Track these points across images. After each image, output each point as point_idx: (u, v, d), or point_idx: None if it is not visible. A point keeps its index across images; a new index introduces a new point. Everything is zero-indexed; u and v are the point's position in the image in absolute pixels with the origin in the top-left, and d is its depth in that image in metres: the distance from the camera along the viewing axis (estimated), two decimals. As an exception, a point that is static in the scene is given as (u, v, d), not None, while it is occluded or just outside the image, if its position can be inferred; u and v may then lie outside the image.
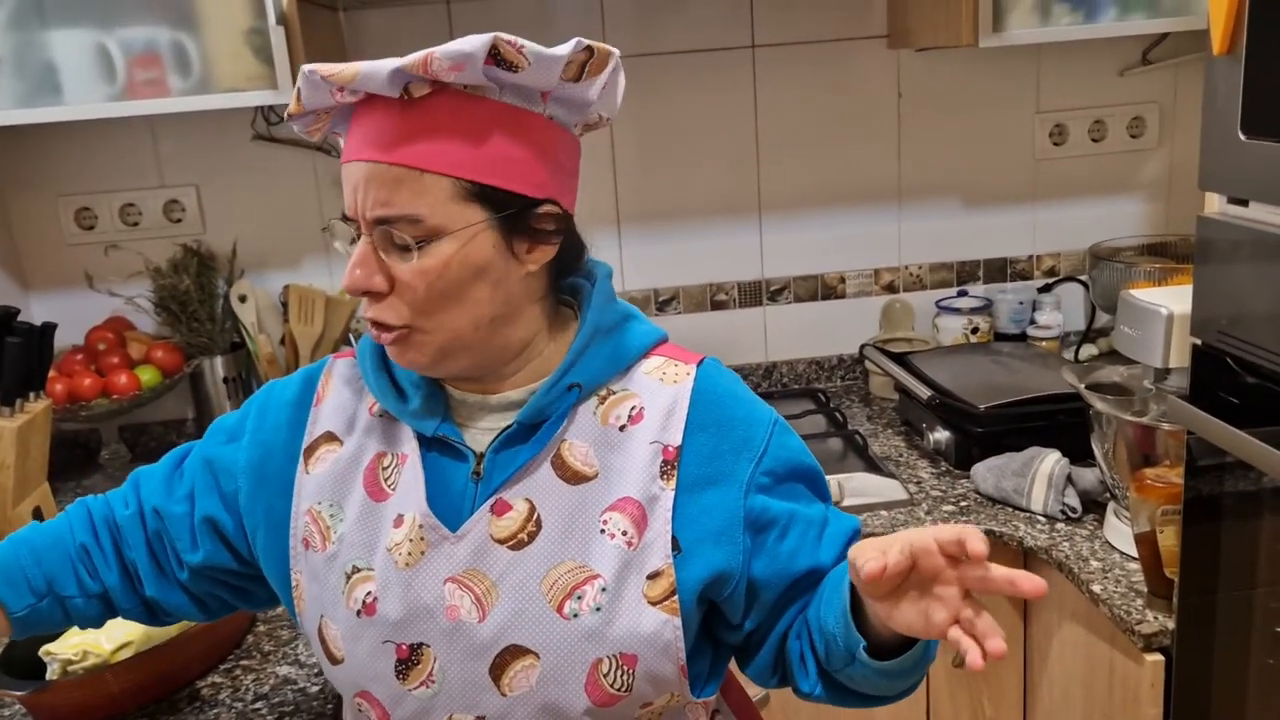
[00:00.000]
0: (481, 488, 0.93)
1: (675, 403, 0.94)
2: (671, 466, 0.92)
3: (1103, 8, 1.76)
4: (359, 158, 0.86)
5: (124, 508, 1.06)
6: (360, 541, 0.94)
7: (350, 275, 0.87)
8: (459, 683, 0.91)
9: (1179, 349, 1.32)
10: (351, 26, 1.98)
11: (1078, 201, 2.21)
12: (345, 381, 1.01)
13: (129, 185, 2.01)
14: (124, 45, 1.61)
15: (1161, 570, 1.30)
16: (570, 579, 0.90)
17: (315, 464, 0.98)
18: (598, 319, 0.97)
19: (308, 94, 0.88)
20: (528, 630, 0.89)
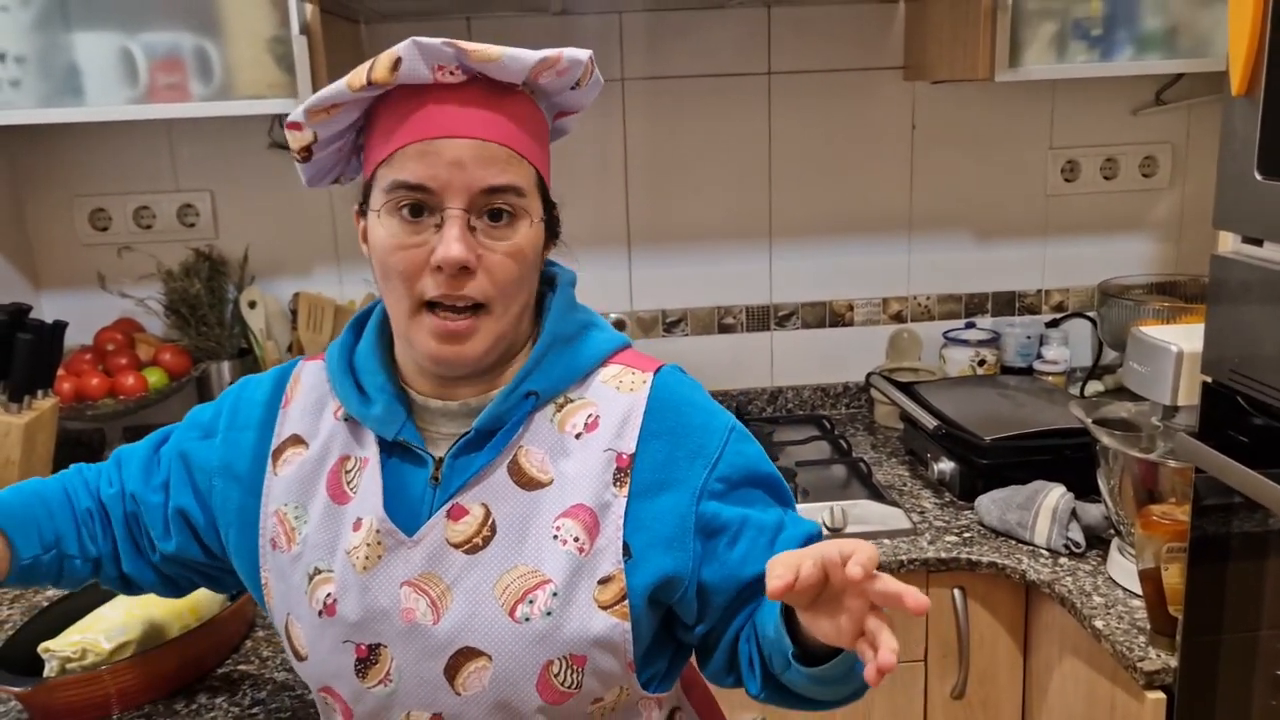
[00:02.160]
0: (439, 492, 0.95)
1: (630, 411, 0.96)
2: (625, 474, 0.94)
3: (1119, 46, 1.78)
4: (464, 134, 0.89)
5: (108, 486, 1.09)
6: (322, 543, 0.97)
7: (451, 248, 0.87)
8: (415, 682, 0.94)
9: (1188, 387, 1.32)
10: (372, 39, 2.00)
11: (1088, 238, 2.22)
12: (312, 385, 1.02)
13: (144, 188, 2.02)
14: (147, 49, 1.63)
15: (1165, 608, 1.29)
16: (522, 584, 0.92)
17: (282, 466, 1.00)
18: (557, 327, 0.98)
19: (407, 65, 0.88)
20: (480, 633, 0.92)
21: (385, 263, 0.91)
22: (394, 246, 0.90)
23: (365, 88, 0.89)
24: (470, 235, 0.89)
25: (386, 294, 0.94)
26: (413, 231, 0.89)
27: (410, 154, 0.89)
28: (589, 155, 2.08)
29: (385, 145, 0.91)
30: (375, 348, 1.00)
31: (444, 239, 0.88)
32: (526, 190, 0.91)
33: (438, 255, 0.88)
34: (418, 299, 0.90)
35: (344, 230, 2.08)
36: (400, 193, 0.89)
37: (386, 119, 0.91)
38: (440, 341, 0.91)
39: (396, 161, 0.89)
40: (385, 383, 0.97)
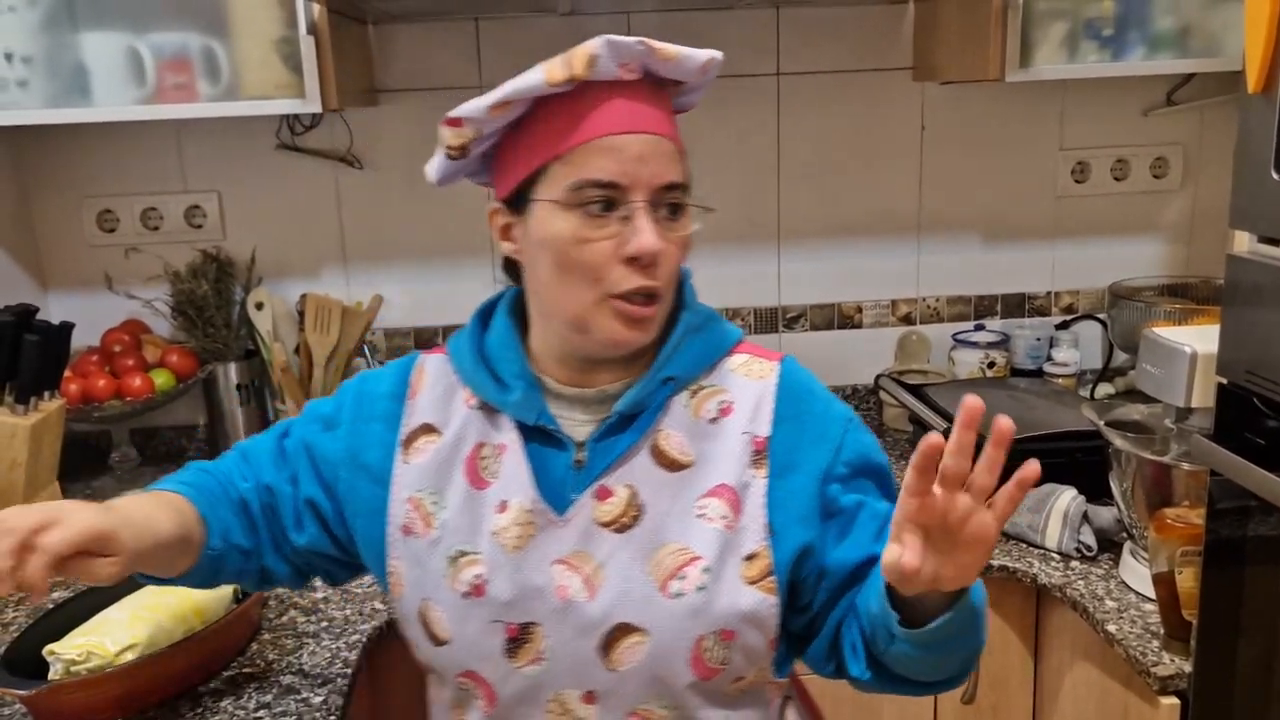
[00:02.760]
0: (583, 475, 0.98)
1: (762, 396, 1.01)
2: (762, 456, 0.99)
3: (1131, 47, 1.76)
4: (646, 130, 0.93)
5: (242, 480, 1.09)
6: (464, 527, 0.99)
7: (650, 239, 0.91)
8: (568, 659, 0.96)
9: (1202, 388, 1.31)
10: (380, 39, 1.99)
11: (1098, 240, 2.20)
12: (438, 376, 1.05)
13: (152, 189, 2.02)
14: (155, 49, 1.63)
15: (1179, 612, 1.28)
16: (673, 560, 0.95)
17: (414, 454, 1.02)
18: (690, 317, 1.03)
19: (601, 63, 0.91)
20: (635, 609, 0.94)
21: (569, 255, 0.93)
22: (580, 240, 0.92)
23: (563, 83, 0.91)
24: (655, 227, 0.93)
25: (559, 286, 0.95)
26: (599, 225, 0.92)
27: (596, 149, 0.92)
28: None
29: (559, 140, 0.93)
30: (509, 336, 1.03)
31: (639, 231, 0.91)
32: (689, 185, 0.97)
33: (634, 247, 0.91)
34: (605, 290, 0.93)
35: (351, 231, 2.08)
36: (589, 190, 0.92)
37: (556, 115, 0.93)
38: (626, 326, 0.94)
39: (579, 157, 0.92)
40: (522, 370, 1.00)
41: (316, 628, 1.42)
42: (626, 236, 0.92)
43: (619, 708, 0.97)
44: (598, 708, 0.97)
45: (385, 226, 2.08)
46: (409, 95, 2.02)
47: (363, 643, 1.38)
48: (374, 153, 2.04)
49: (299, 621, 1.44)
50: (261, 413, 2.06)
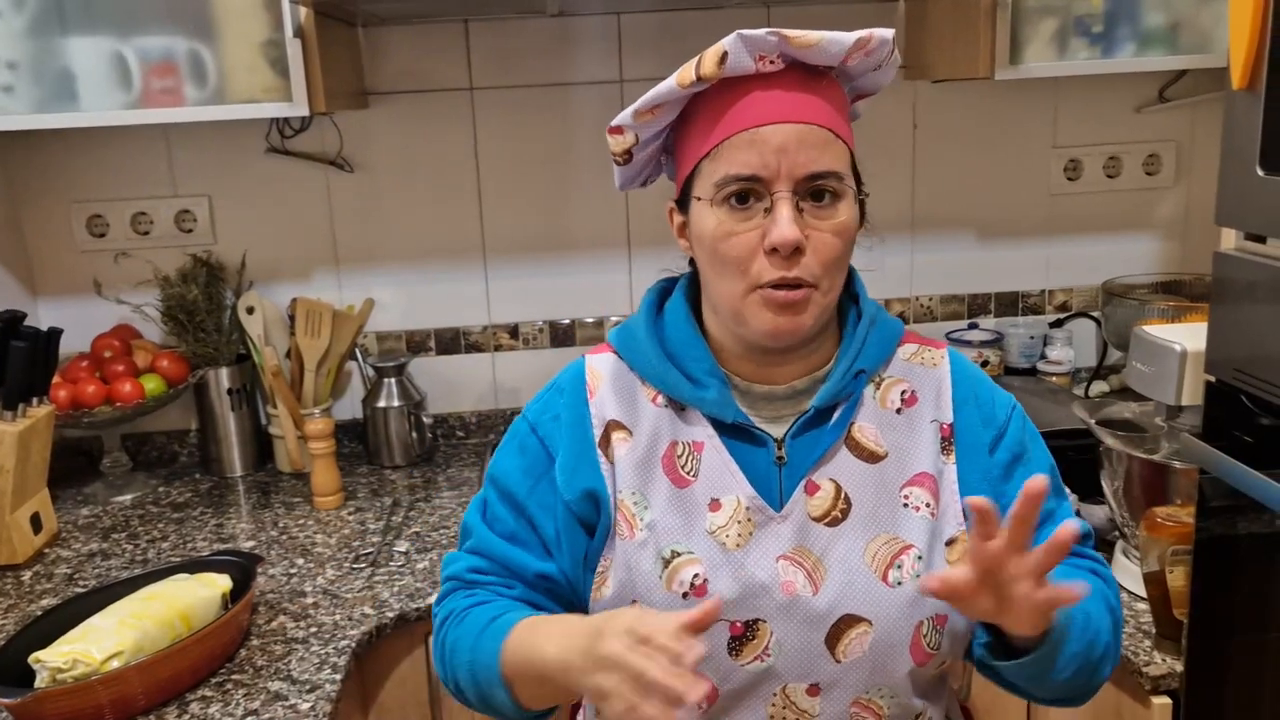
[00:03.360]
0: (788, 471, 0.99)
1: (940, 383, 1.04)
2: (949, 442, 1.01)
3: (1121, 43, 1.76)
4: (788, 119, 0.92)
5: (509, 589, 1.04)
6: (675, 527, 0.98)
7: (786, 230, 0.91)
8: (796, 654, 0.96)
9: (1192, 386, 1.30)
10: (369, 42, 1.99)
11: (1092, 237, 2.19)
12: (614, 374, 1.05)
13: (142, 194, 2.02)
14: (141, 54, 1.62)
15: (1170, 611, 1.27)
16: (888, 550, 0.97)
17: (612, 452, 1.01)
18: (868, 308, 1.05)
19: (733, 58, 0.92)
20: (859, 600, 0.96)
21: (717, 249, 0.95)
22: (725, 234, 0.94)
23: (693, 84, 0.93)
24: (799, 216, 0.92)
25: (717, 281, 0.97)
26: (743, 218, 0.93)
27: (738, 144, 0.92)
28: (598, 158, 2.06)
29: (707, 138, 0.95)
30: (692, 331, 1.03)
31: (776, 221, 0.91)
32: (844, 172, 0.95)
33: (772, 238, 0.91)
34: (752, 282, 0.94)
35: (342, 234, 2.07)
36: (733, 186, 0.93)
37: (706, 113, 0.95)
38: (776, 313, 0.94)
39: (724, 153, 0.93)
40: (713, 367, 1.01)
41: (306, 634, 1.41)
42: (768, 228, 0.92)
43: (843, 698, 0.98)
44: (821, 699, 0.97)
45: (376, 229, 2.08)
46: (399, 98, 2.02)
47: (352, 648, 1.37)
48: (364, 155, 2.04)
49: (288, 627, 1.43)
50: (253, 417, 2.06)
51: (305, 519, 1.81)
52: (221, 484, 2.00)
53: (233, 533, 1.76)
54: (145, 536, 1.75)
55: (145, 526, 1.80)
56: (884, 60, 0.99)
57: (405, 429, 2.04)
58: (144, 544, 1.72)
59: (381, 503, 1.87)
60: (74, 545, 1.73)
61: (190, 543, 1.72)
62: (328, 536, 1.73)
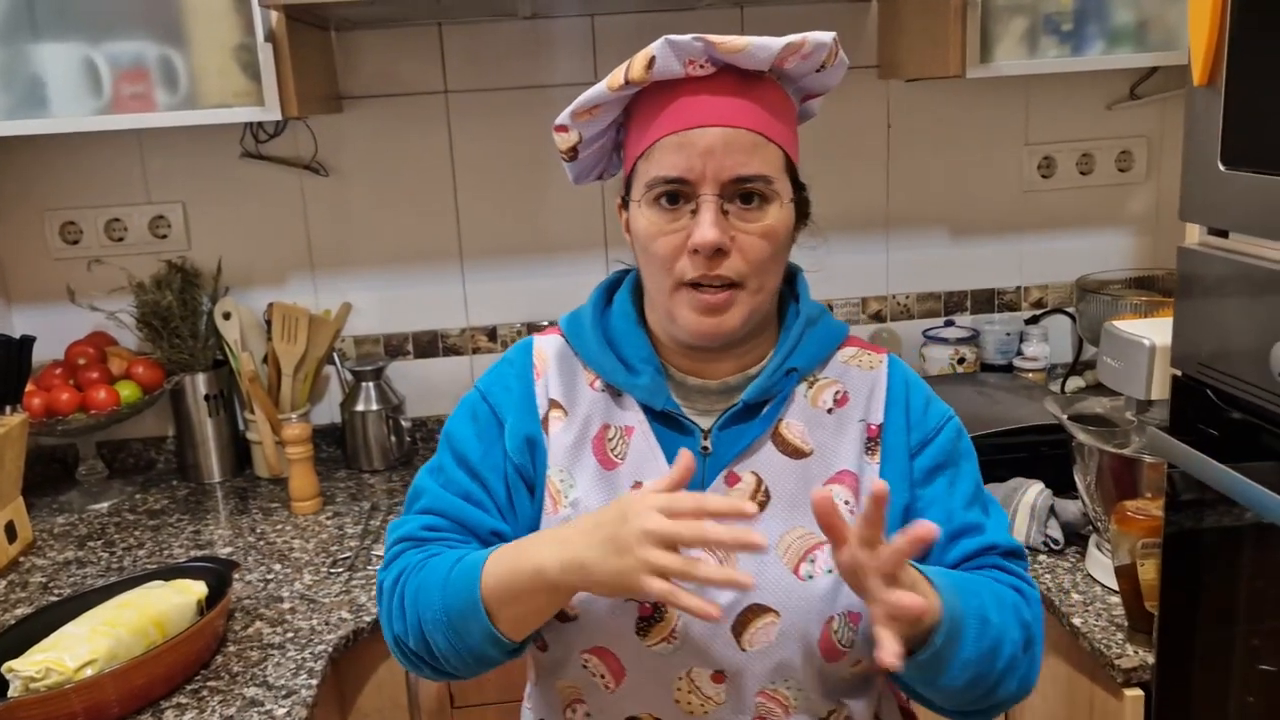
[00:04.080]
0: (711, 462, 1.01)
1: (874, 385, 1.06)
2: (875, 443, 1.04)
3: (1090, 41, 1.77)
4: (715, 123, 0.94)
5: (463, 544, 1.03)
6: (596, 506, 0.99)
7: (705, 232, 0.93)
8: (701, 639, 0.97)
9: (1161, 381, 1.31)
10: (342, 46, 1.98)
11: (1065, 234, 2.21)
12: (559, 357, 1.08)
13: (115, 201, 2.01)
14: (111, 59, 1.61)
15: (1142, 604, 1.28)
16: (802, 544, 0.99)
17: (550, 430, 1.05)
18: (806, 309, 1.07)
19: (660, 63, 0.94)
20: (768, 590, 0.97)
21: (647, 248, 0.98)
22: (654, 233, 0.97)
23: (622, 87, 0.96)
24: (723, 219, 0.95)
25: (648, 276, 1.01)
26: (671, 219, 0.96)
27: (667, 146, 0.95)
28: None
29: (642, 139, 0.98)
30: (633, 320, 1.06)
31: (698, 224, 0.94)
32: (774, 176, 0.96)
33: (693, 239, 0.94)
34: (677, 279, 0.97)
35: (318, 239, 2.07)
36: (660, 188, 0.96)
37: (642, 114, 0.99)
38: (701, 314, 0.97)
39: (655, 155, 0.96)
40: (650, 355, 1.04)
41: (282, 639, 1.41)
42: (692, 229, 0.95)
43: (749, 688, 0.99)
44: (726, 686, 0.99)
45: (352, 233, 2.07)
46: (373, 101, 2.01)
47: (329, 653, 1.37)
48: (339, 159, 2.04)
49: (264, 633, 1.43)
50: (231, 423, 2.05)
51: (283, 524, 1.80)
52: (199, 490, 1.99)
53: (210, 539, 1.75)
54: (121, 544, 1.74)
55: (121, 534, 1.79)
56: (826, 62, 1.01)
57: (384, 433, 2.04)
58: (120, 551, 1.71)
59: (360, 507, 1.87)
60: (49, 554, 1.72)
61: (167, 549, 1.71)
62: (305, 541, 1.72)
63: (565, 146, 1.04)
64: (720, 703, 0.99)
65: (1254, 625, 1.13)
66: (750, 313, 0.98)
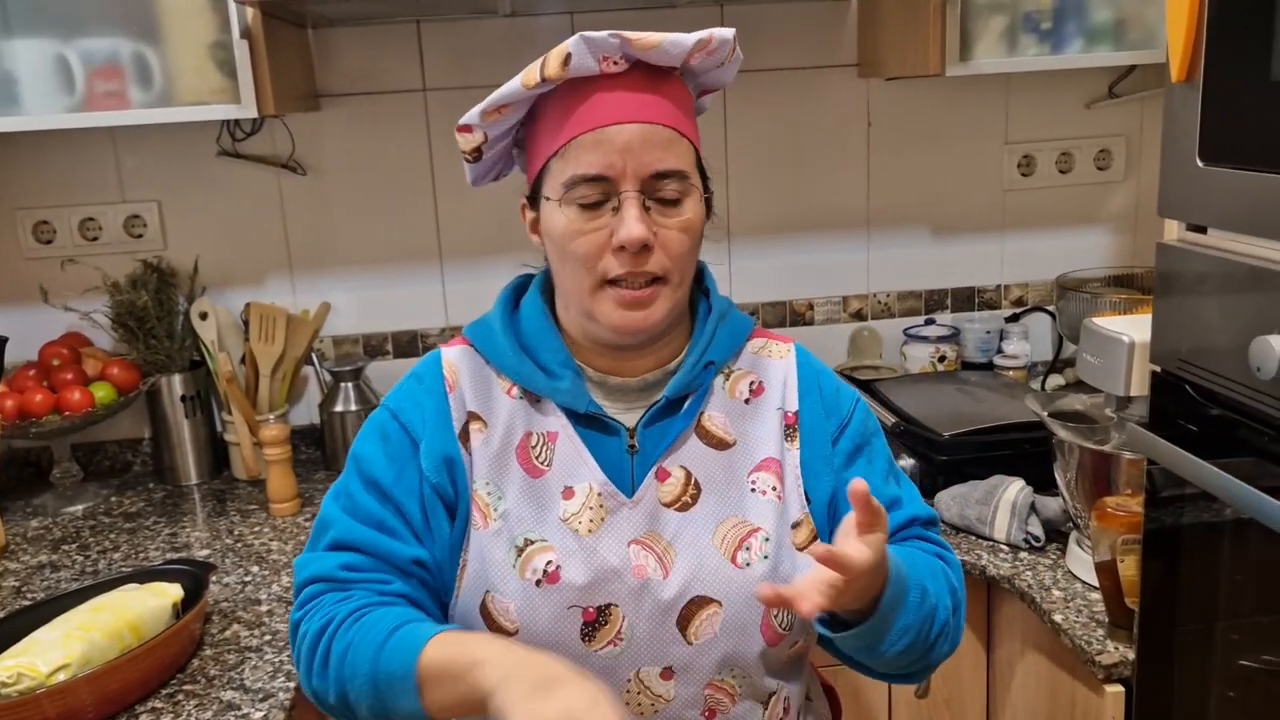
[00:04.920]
0: (639, 459, 1.02)
1: (786, 373, 1.09)
2: (793, 429, 1.06)
3: (1069, 39, 1.78)
4: (632, 119, 0.95)
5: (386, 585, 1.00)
6: (528, 516, 0.99)
7: (633, 228, 0.94)
8: (647, 637, 0.98)
9: (1140, 377, 1.32)
10: (319, 44, 1.97)
11: (1045, 232, 2.22)
12: (470, 367, 1.06)
13: (89, 200, 1.98)
14: (84, 56, 1.59)
15: (1122, 600, 1.29)
16: (736, 533, 1.01)
17: (470, 445, 1.03)
18: (718, 303, 1.08)
19: (577, 60, 0.94)
20: (709, 581, 0.99)
21: (566, 248, 0.97)
22: (575, 232, 0.96)
23: (538, 85, 0.95)
24: (646, 214, 0.95)
25: (566, 276, 1.00)
26: (591, 217, 0.96)
27: (585, 143, 0.95)
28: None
29: (556, 137, 0.97)
30: (546, 324, 1.05)
31: (624, 221, 0.94)
32: (689, 170, 0.98)
33: (620, 236, 0.94)
34: (600, 278, 0.97)
35: (296, 238, 2.05)
36: (580, 188, 0.95)
37: (553, 113, 0.97)
38: (625, 309, 0.97)
39: (571, 153, 0.95)
40: (567, 358, 1.03)
41: (260, 642, 1.39)
42: (616, 227, 0.95)
43: (697, 681, 1.00)
44: (675, 683, 0.99)
45: (331, 233, 2.06)
46: (351, 100, 2.00)
47: (306, 655, 1.36)
48: (317, 158, 2.02)
49: (242, 636, 1.41)
50: (208, 424, 2.03)
51: (261, 526, 1.78)
52: (176, 492, 1.97)
53: (187, 541, 1.73)
54: (96, 547, 1.72)
55: (96, 537, 1.76)
56: (726, 58, 1.02)
57: (363, 434, 2.02)
58: (95, 555, 1.69)
59: (339, 508, 1.85)
60: (22, 557, 1.69)
61: (143, 552, 1.69)
62: (283, 543, 1.70)
63: (470, 147, 1.02)
64: (670, 699, 1.00)
65: (1233, 620, 1.13)
66: (672, 307, 1.00)
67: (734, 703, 1.02)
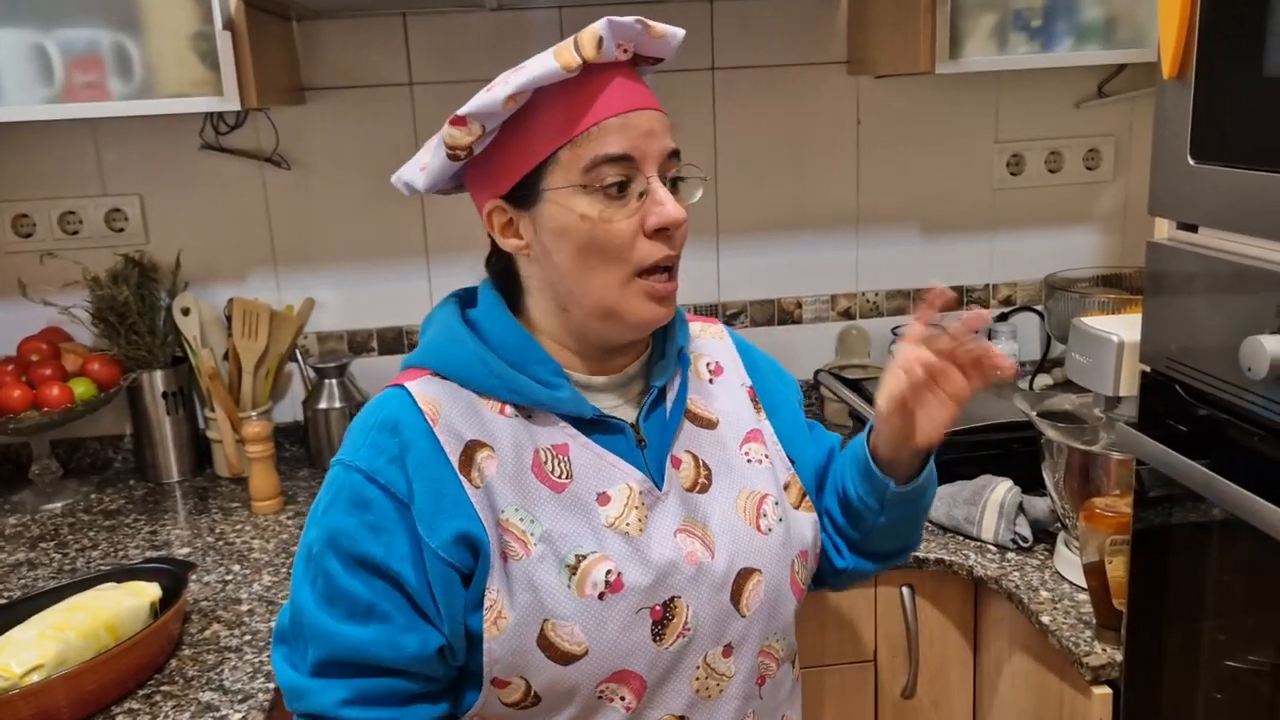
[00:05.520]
0: (652, 452, 1.02)
1: (730, 353, 1.15)
2: (756, 401, 1.12)
3: (1059, 38, 1.77)
4: (649, 106, 0.96)
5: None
6: (571, 532, 0.96)
7: (673, 208, 0.94)
8: (710, 619, 0.99)
9: (1129, 377, 1.31)
10: (304, 36, 1.95)
11: (1034, 231, 2.21)
12: (447, 397, 0.98)
13: (70, 193, 1.96)
14: (63, 46, 1.57)
15: (1110, 601, 1.28)
16: (751, 502, 1.04)
17: (478, 474, 0.95)
18: None
19: (607, 44, 0.93)
20: (747, 552, 1.02)
21: (593, 238, 0.94)
22: (603, 220, 0.93)
23: (577, 67, 0.92)
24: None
25: (587, 273, 0.95)
26: (620, 205, 0.94)
27: (606, 129, 0.93)
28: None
29: (568, 126, 0.93)
30: (525, 336, 1.01)
31: (661, 202, 0.94)
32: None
33: (659, 217, 0.94)
34: (634, 268, 0.95)
35: (280, 233, 2.03)
36: (604, 167, 0.93)
37: (558, 102, 0.93)
38: (655, 303, 0.97)
39: (594, 137, 0.93)
40: (558, 367, 1.01)
41: (240, 642, 1.37)
42: (649, 209, 0.94)
43: (750, 652, 1.02)
44: (734, 658, 1.01)
45: (316, 228, 2.03)
46: (337, 93, 1.98)
47: (287, 655, 1.34)
48: (301, 152, 2.00)
49: (221, 635, 1.39)
50: (190, 421, 2.00)
51: (243, 524, 1.76)
52: (157, 490, 1.94)
53: (167, 539, 1.71)
54: (75, 545, 1.70)
55: (75, 535, 1.74)
56: (668, 59, 1.04)
57: (347, 431, 2.00)
58: (73, 553, 1.67)
59: (322, 506, 1.83)
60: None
61: (122, 551, 1.67)
62: (265, 542, 1.68)
63: (462, 144, 0.94)
64: (731, 675, 1.01)
65: (1222, 621, 1.13)
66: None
67: (778, 666, 1.06)
